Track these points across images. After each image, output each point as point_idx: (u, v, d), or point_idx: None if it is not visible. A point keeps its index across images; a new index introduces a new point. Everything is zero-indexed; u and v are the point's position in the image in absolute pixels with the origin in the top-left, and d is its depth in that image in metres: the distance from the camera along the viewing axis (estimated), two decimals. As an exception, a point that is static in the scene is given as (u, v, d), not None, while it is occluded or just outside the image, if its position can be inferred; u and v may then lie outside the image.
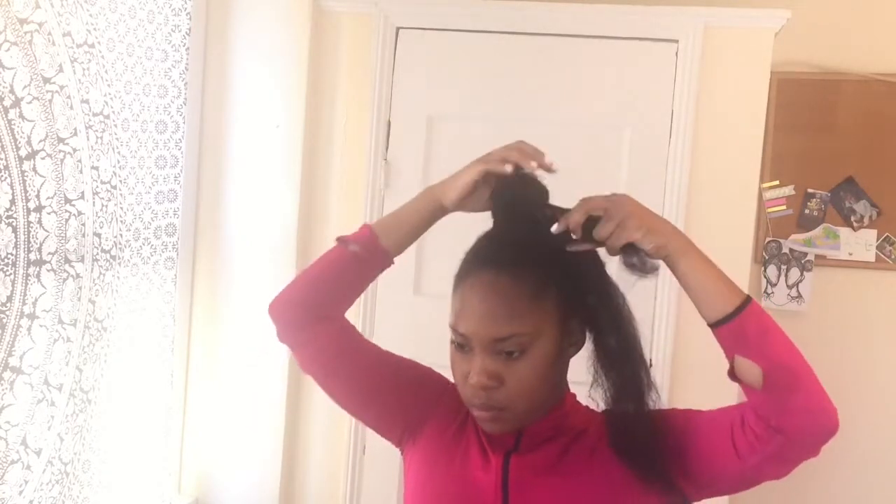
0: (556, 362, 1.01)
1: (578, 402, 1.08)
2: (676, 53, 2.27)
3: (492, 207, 1.06)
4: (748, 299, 0.93)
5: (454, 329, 1.00)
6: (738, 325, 0.92)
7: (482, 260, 1.01)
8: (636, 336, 1.01)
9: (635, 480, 0.99)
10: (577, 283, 1.00)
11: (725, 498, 2.28)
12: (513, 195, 1.03)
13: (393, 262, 1.14)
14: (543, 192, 1.04)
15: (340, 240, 1.13)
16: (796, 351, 0.93)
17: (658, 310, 2.29)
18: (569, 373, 1.09)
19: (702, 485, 0.98)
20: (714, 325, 0.94)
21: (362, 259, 1.11)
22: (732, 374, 0.95)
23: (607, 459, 1.01)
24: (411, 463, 1.12)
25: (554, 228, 0.98)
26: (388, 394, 1.13)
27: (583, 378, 1.03)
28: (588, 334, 1.04)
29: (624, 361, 1.00)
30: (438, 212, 1.10)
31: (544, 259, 0.99)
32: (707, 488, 0.99)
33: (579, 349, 1.04)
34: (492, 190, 1.05)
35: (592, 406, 1.07)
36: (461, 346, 1.00)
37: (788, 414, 0.90)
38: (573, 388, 1.09)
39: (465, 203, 1.07)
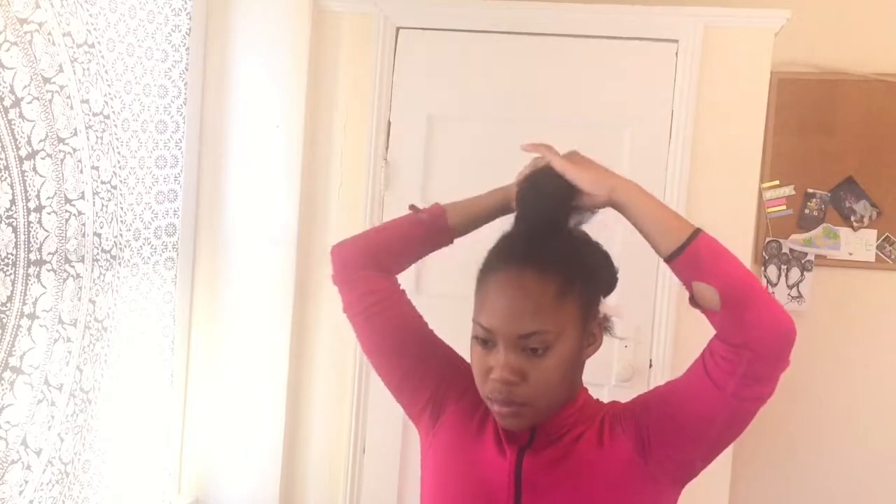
0: (576, 361, 1.04)
1: (590, 397, 1.11)
2: (676, 53, 2.27)
3: (516, 205, 1.10)
4: (698, 229, 0.99)
5: (478, 323, 1.02)
6: (692, 252, 0.97)
7: (508, 256, 1.04)
8: None
9: (643, 468, 1.01)
10: (598, 282, 1.06)
11: (727, 489, 2.28)
12: (538, 193, 1.07)
13: (452, 242, 1.22)
14: (568, 189, 1.07)
15: (413, 207, 1.21)
16: (747, 269, 0.98)
17: (658, 310, 2.29)
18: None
19: (699, 437, 1.00)
20: (670, 258, 0.99)
21: (428, 228, 1.19)
22: (693, 302, 1.00)
23: (616, 450, 1.03)
24: (433, 444, 1.14)
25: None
26: (424, 359, 1.16)
27: (590, 379, 1.05)
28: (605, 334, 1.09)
29: None
30: (507, 208, 1.17)
31: (569, 259, 1.02)
32: (705, 440, 1.00)
33: (597, 349, 1.07)
34: (517, 187, 1.10)
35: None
36: (484, 341, 1.02)
37: (748, 326, 0.93)
38: None
39: None
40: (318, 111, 2.41)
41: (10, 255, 1.66)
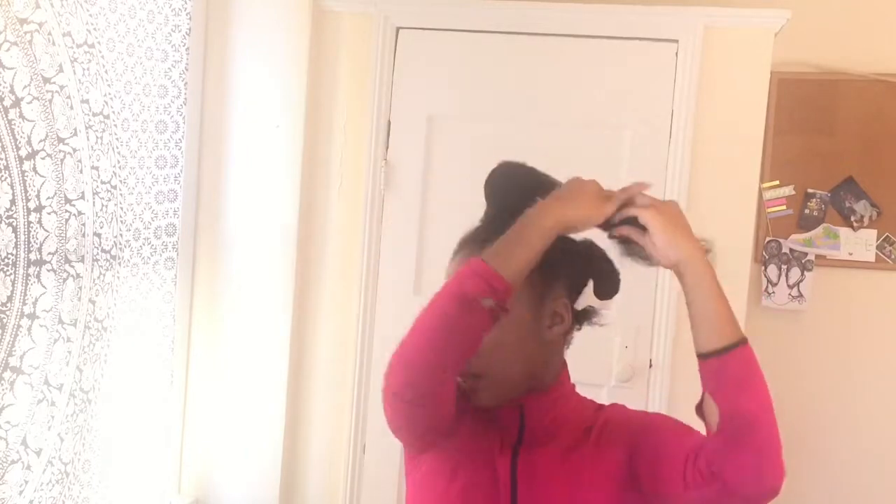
0: (535, 333, 1.04)
1: (580, 395, 1.11)
2: (676, 53, 2.27)
3: (485, 196, 1.11)
4: (742, 342, 0.92)
5: None
6: (721, 364, 0.91)
7: (469, 241, 1.07)
8: None
9: (629, 477, 1.02)
10: (554, 263, 1.01)
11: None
12: (503, 184, 1.09)
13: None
14: (533, 182, 1.06)
15: (468, 298, 0.94)
16: (766, 406, 0.91)
17: (658, 310, 2.29)
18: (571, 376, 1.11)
19: (649, 492, 1.01)
20: (701, 357, 0.94)
21: (496, 312, 0.94)
22: (699, 411, 0.97)
23: (610, 453, 1.04)
24: (419, 467, 1.13)
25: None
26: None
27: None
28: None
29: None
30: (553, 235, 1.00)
31: None
32: (654, 498, 1.01)
33: (566, 331, 1.07)
34: (485, 179, 1.10)
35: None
36: None
37: (731, 465, 0.90)
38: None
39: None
40: (318, 111, 2.41)
41: (10, 255, 1.66)
